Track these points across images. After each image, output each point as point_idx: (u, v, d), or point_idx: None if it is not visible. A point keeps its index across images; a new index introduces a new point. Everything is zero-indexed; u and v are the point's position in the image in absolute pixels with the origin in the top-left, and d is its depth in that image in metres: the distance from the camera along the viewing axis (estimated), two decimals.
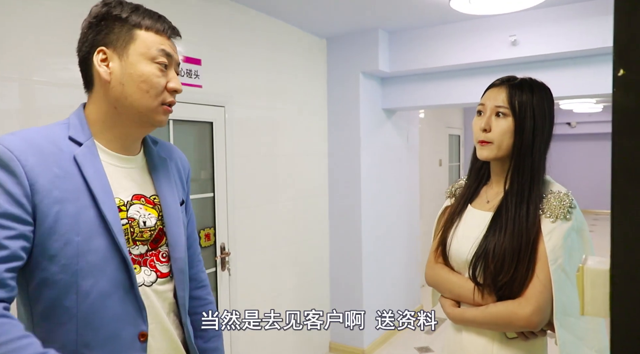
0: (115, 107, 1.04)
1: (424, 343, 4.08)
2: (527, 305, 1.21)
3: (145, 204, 1.10)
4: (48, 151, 0.96)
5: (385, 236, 4.13)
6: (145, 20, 1.04)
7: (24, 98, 1.84)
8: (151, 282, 1.08)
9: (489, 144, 1.32)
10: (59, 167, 0.96)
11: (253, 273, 3.06)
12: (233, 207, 2.86)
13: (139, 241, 1.07)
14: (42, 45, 1.89)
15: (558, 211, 1.23)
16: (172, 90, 1.07)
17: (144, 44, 1.02)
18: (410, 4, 2.99)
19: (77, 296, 0.95)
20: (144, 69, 1.02)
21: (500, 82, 1.36)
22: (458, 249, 1.38)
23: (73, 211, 0.95)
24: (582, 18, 2.92)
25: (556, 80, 3.18)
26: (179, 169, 1.25)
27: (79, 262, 0.95)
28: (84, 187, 0.97)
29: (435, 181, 6.07)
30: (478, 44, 3.29)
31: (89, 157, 1.00)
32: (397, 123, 4.31)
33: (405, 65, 3.64)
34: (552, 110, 1.33)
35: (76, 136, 1.01)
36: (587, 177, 10.71)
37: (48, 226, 0.93)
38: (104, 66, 1.02)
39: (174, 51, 1.08)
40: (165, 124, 1.11)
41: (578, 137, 11.20)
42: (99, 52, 1.02)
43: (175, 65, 1.09)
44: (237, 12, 2.92)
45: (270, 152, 3.23)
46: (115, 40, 1.02)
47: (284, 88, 3.35)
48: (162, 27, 1.06)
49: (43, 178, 0.93)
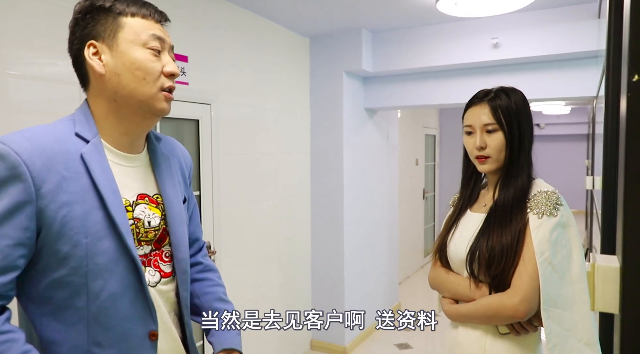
0: (115, 100, 1.01)
1: (403, 340, 4.14)
2: (515, 295, 1.27)
3: (149, 203, 1.09)
4: (54, 152, 0.93)
5: (366, 235, 4.17)
6: (130, 7, 1.01)
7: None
8: (155, 282, 1.08)
9: (488, 159, 1.40)
10: (65, 169, 0.93)
11: (237, 271, 3.04)
12: (218, 205, 2.84)
13: (144, 242, 1.06)
14: (17, 38, 1.84)
15: (544, 208, 1.30)
16: (169, 74, 1.03)
17: (132, 30, 1.00)
18: (396, 4, 3.03)
19: (88, 297, 0.95)
20: (136, 56, 0.99)
21: (478, 100, 1.43)
22: (455, 250, 1.45)
23: (81, 212, 0.93)
24: (563, 22, 3.01)
25: (535, 83, 3.29)
26: (182, 165, 1.23)
27: (88, 264, 0.94)
28: (91, 188, 0.96)
29: (412, 180, 6.16)
30: (461, 45, 3.36)
31: (96, 156, 0.98)
32: (378, 123, 4.35)
33: (388, 65, 3.68)
34: (527, 107, 1.42)
35: (83, 132, 0.99)
36: (555, 177, 10.99)
37: (56, 229, 0.91)
38: (96, 59, 0.99)
39: (165, 34, 1.05)
40: (168, 112, 1.07)
41: (547, 139, 11.53)
42: (89, 46, 0.99)
43: (169, 48, 1.06)
44: (224, 9, 2.89)
45: (254, 151, 3.22)
46: (103, 32, 0.99)
47: (268, 86, 3.34)
48: (148, 12, 1.03)
49: (49, 182, 0.91)
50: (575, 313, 1.25)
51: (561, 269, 1.26)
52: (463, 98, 3.63)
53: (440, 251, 1.51)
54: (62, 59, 1.98)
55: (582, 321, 1.25)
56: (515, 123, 1.36)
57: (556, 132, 11.25)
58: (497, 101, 1.38)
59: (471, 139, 1.42)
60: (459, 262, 1.43)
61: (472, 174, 1.53)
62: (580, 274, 1.27)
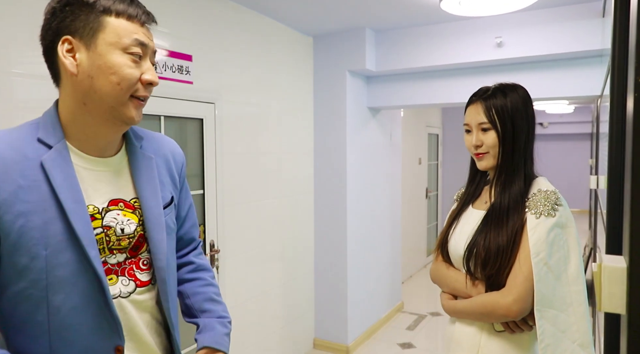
0: (85, 103, 0.94)
1: (406, 339, 4.14)
2: (508, 295, 1.28)
3: (124, 209, 1.02)
4: (11, 160, 0.88)
5: (368, 234, 4.17)
6: (116, 4, 0.93)
7: (2, 91, 1.80)
8: (128, 292, 1.02)
9: (485, 155, 1.43)
10: (22, 178, 0.89)
11: (241, 269, 3.05)
12: (222, 204, 2.85)
13: (116, 250, 1.00)
14: (22, 37, 1.85)
15: (543, 207, 1.30)
16: (146, 82, 0.96)
17: (114, 32, 0.92)
18: (400, 3, 3.03)
19: (48, 311, 0.91)
20: (114, 60, 0.92)
21: (475, 98, 1.46)
22: (454, 246, 1.47)
23: (39, 223, 0.88)
24: (567, 21, 3.00)
25: (539, 82, 3.28)
26: (169, 164, 1.16)
27: (48, 277, 0.89)
28: (50, 197, 0.90)
29: (415, 179, 6.15)
30: (464, 44, 3.35)
31: (59, 162, 0.92)
32: (381, 122, 4.35)
33: (391, 64, 3.67)
34: (528, 106, 1.42)
35: (45, 137, 0.94)
36: (558, 176, 11.02)
37: (12, 241, 0.87)
38: (69, 58, 0.92)
39: (149, 39, 0.98)
40: (137, 122, 0.99)
41: (550, 138, 11.52)
42: (64, 42, 0.92)
43: (151, 54, 0.99)
44: (228, 8, 2.90)
45: (258, 150, 3.22)
46: (82, 29, 0.91)
47: (271, 85, 3.35)
48: (134, 13, 0.95)
49: (4, 191, 0.86)
50: (570, 315, 1.25)
51: (557, 270, 1.26)
52: (466, 97, 3.58)
53: (442, 245, 1.52)
54: None
55: (577, 322, 1.25)
56: (509, 122, 1.38)
57: (559, 131, 11.23)
58: (492, 100, 1.40)
59: (469, 137, 1.46)
60: (457, 258, 1.45)
61: (477, 170, 1.54)
62: (577, 275, 1.27)
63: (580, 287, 1.26)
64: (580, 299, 1.26)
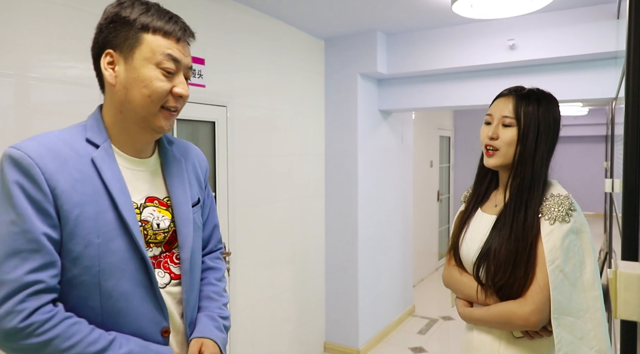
0: (121, 111, 1.04)
1: (418, 343, 4.12)
2: (526, 305, 1.26)
3: (158, 206, 1.11)
4: (66, 156, 0.97)
5: (380, 237, 4.16)
6: (155, 21, 1.01)
7: (20, 94, 1.83)
8: (164, 284, 1.09)
9: (496, 152, 1.38)
10: (78, 171, 0.97)
11: (252, 272, 3.06)
12: (234, 206, 2.86)
13: (153, 243, 1.08)
14: (39, 42, 1.88)
15: (557, 213, 1.27)
16: (177, 95, 1.04)
17: (149, 48, 1.00)
18: (411, 6, 3.02)
19: (101, 297, 0.98)
20: (146, 74, 1.00)
21: (508, 92, 1.41)
22: (466, 251, 1.44)
23: (92, 213, 0.96)
24: (581, 23, 2.97)
25: (552, 84, 3.24)
26: (196, 168, 1.25)
27: (100, 264, 0.97)
28: (102, 190, 0.99)
29: (426, 182, 6.12)
30: (476, 47, 3.33)
31: (106, 160, 1.01)
32: (393, 124, 4.34)
33: (402, 67, 3.66)
34: (557, 120, 1.37)
35: (93, 138, 1.03)
36: (572, 179, 10.90)
37: (69, 229, 0.94)
38: (109, 69, 1.02)
39: (183, 55, 1.05)
40: (167, 130, 1.08)
41: (564, 140, 11.38)
42: (106, 54, 1.02)
43: (185, 69, 1.07)
44: (240, 12, 2.91)
45: (269, 152, 3.23)
46: (122, 43, 1.01)
47: (282, 88, 3.36)
48: (171, 30, 1.02)
49: (63, 183, 0.94)
50: (587, 321, 1.23)
51: (573, 277, 1.24)
52: (478, 100, 3.61)
53: (454, 249, 1.50)
54: (82, 61, 2.01)
55: (594, 329, 1.23)
56: (535, 125, 1.33)
57: (574, 133, 11.11)
58: (525, 99, 1.35)
59: (486, 129, 1.41)
60: (469, 264, 1.43)
61: (487, 172, 1.51)
62: (593, 281, 1.25)
63: (596, 293, 1.24)
64: (597, 305, 1.24)
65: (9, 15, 1.79)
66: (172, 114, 1.06)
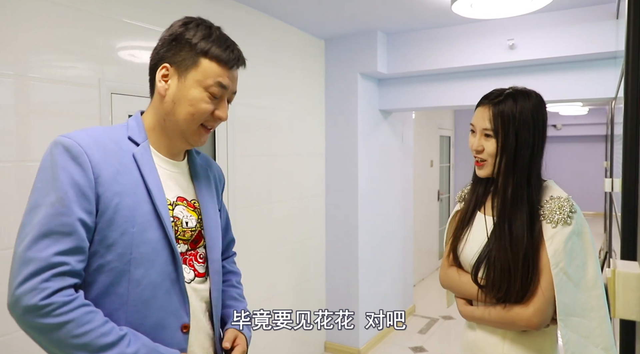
0: (164, 120, 1.12)
1: (418, 343, 4.12)
2: (528, 307, 1.27)
3: (187, 206, 1.17)
4: (110, 149, 1.04)
5: (380, 236, 4.16)
6: (214, 49, 1.09)
7: (19, 94, 1.83)
8: (190, 280, 1.15)
9: (484, 163, 1.40)
10: (119, 164, 1.04)
11: (252, 272, 3.06)
12: (234, 206, 2.86)
13: (181, 240, 1.14)
14: (39, 41, 1.88)
15: (558, 216, 1.28)
16: (217, 117, 1.13)
17: (202, 72, 1.08)
18: (411, 6, 3.02)
19: (129, 284, 1.02)
20: (194, 94, 1.08)
21: (486, 100, 1.40)
22: (467, 253, 1.45)
23: (130, 203, 1.02)
24: (580, 23, 2.98)
25: (552, 84, 3.25)
26: (216, 180, 1.34)
27: (132, 252, 1.01)
28: (140, 183, 1.05)
29: (426, 181, 6.12)
30: (476, 47, 3.33)
31: (145, 156, 1.09)
32: (393, 124, 4.34)
33: (403, 66, 3.67)
34: (538, 116, 1.35)
35: (134, 136, 1.10)
36: (572, 179, 10.90)
37: (108, 216, 0.99)
38: (163, 81, 1.10)
39: (231, 83, 1.14)
40: (200, 145, 1.17)
41: (563, 139, 11.39)
42: (162, 68, 1.10)
43: (230, 93, 1.15)
44: (240, 11, 2.92)
45: (269, 152, 3.23)
46: (180, 62, 1.09)
47: (283, 88, 3.36)
48: (226, 59, 1.11)
49: (106, 172, 1.00)
50: (592, 320, 1.24)
51: (576, 277, 1.25)
52: (478, 99, 3.59)
53: (453, 250, 1.50)
54: (82, 61, 2.02)
55: (599, 327, 1.25)
56: (513, 134, 1.32)
57: (573, 133, 11.10)
58: (501, 106, 1.34)
59: (473, 139, 1.43)
60: (468, 266, 1.43)
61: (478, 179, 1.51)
62: (595, 279, 1.26)
63: (599, 291, 1.25)
64: (600, 303, 1.25)
65: (9, 15, 1.79)
66: (208, 131, 1.15)
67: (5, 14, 1.78)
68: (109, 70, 2.14)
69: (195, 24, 1.13)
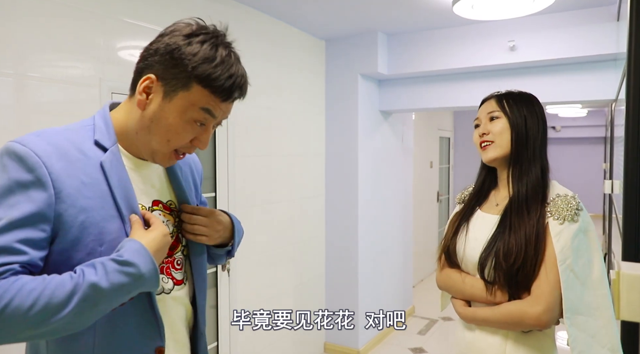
0: (137, 132, 0.99)
1: (417, 344, 4.12)
2: (537, 305, 1.25)
3: (162, 210, 1.07)
4: (74, 157, 0.91)
5: (380, 237, 4.16)
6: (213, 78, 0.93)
7: (19, 94, 1.83)
8: (170, 289, 1.06)
9: (491, 144, 1.41)
10: (85, 174, 0.91)
11: (252, 273, 3.06)
12: (234, 207, 2.86)
13: None
14: (39, 41, 1.88)
15: (566, 213, 1.28)
16: (194, 146, 1.01)
17: (192, 99, 0.94)
18: (412, 7, 3.02)
19: None
20: (176, 121, 0.95)
21: (488, 96, 1.49)
22: (470, 253, 1.42)
23: (98, 219, 0.91)
24: (581, 25, 2.98)
25: (552, 86, 3.25)
26: (192, 171, 1.22)
27: None
28: (109, 196, 0.93)
29: (426, 182, 6.13)
30: (477, 48, 3.33)
31: (115, 165, 0.96)
32: (393, 125, 4.34)
33: (403, 67, 3.67)
34: (541, 113, 1.43)
35: (102, 140, 0.97)
36: (570, 180, 10.87)
37: (73, 236, 0.88)
38: (144, 94, 0.96)
39: (224, 114, 1.01)
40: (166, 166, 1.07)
41: (563, 141, 11.40)
42: (146, 79, 0.95)
43: (216, 123, 1.02)
44: (240, 11, 2.92)
45: (269, 152, 3.23)
46: (169, 80, 0.94)
47: (283, 88, 3.36)
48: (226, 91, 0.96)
49: (69, 186, 0.88)
50: (598, 319, 1.24)
51: (583, 275, 1.25)
52: (478, 101, 3.55)
53: (448, 251, 1.48)
54: (83, 61, 2.01)
55: (605, 326, 1.24)
56: (520, 114, 1.39)
57: (572, 135, 11.12)
58: (505, 96, 1.43)
59: (477, 131, 1.47)
60: (472, 266, 1.41)
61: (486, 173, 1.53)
62: (601, 278, 1.26)
63: (604, 290, 1.25)
64: (606, 303, 1.25)
65: (9, 14, 1.78)
66: (180, 157, 1.03)
67: (6, 13, 1.77)
68: (110, 69, 2.13)
69: (201, 40, 0.96)
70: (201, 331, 1.14)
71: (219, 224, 1.14)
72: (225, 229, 1.18)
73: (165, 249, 0.98)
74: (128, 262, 0.87)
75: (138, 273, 0.88)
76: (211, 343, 2.77)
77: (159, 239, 0.96)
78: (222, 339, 2.82)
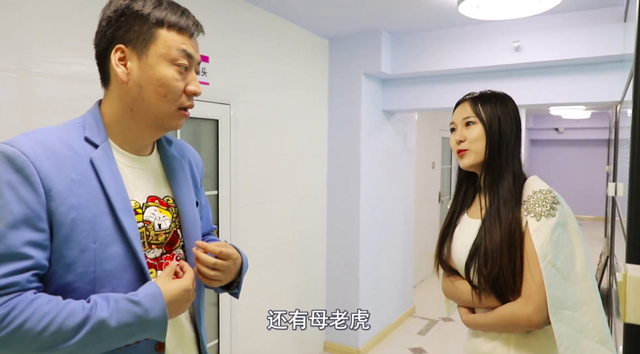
0: (132, 109, 0.99)
1: (417, 344, 4.11)
2: (526, 306, 1.26)
3: (159, 206, 1.06)
4: (63, 155, 0.91)
5: (381, 237, 4.15)
6: (169, 16, 0.96)
7: (22, 90, 1.82)
8: None
9: (466, 152, 1.42)
10: (75, 172, 0.91)
11: (253, 272, 3.05)
12: (236, 205, 2.85)
13: (154, 245, 1.04)
14: (42, 37, 1.87)
15: (541, 209, 1.28)
16: (190, 93, 1.01)
17: (164, 44, 0.96)
18: (417, 6, 3.01)
19: None
20: (163, 72, 0.96)
21: (462, 99, 1.48)
22: (459, 258, 1.44)
23: (90, 216, 0.91)
24: (587, 26, 2.96)
25: (557, 87, 3.24)
26: (192, 167, 1.21)
27: (95, 270, 0.91)
28: (100, 192, 0.93)
29: (428, 183, 6.12)
30: (481, 48, 3.32)
31: (105, 160, 0.96)
32: (396, 125, 4.33)
33: (407, 67, 3.66)
34: (516, 113, 1.43)
35: (92, 137, 0.97)
36: (572, 182, 10.89)
37: (64, 234, 0.88)
38: (121, 66, 0.96)
39: (195, 51, 1.02)
40: (180, 128, 1.06)
41: (565, 143, 11.38)
42: (117, 50, 0.96)
43: (196, 64, 1.03)
44: (244, 10, 2.91)
45: (272, 151, 3.23)
46: (135, 39, 0.95)
47: (286, 87, 3.35)
48: (185, 25, 0.98)
49: (59, 183, 0.88)
50: (584, 312, 1.24)
51: (565, 270, 1.24)
52: None
53: (439, 258, 1.51)
54: (87, 58, 2.01)
55: (592, 319, 1.24)
56: (496, 118, 1.38)
57: (575, 136, 11.10)
58: (479, 99, 1.43)
59: (453, 136, 1.46)
60: (462, 271, 1.43)
61: (464, 175, 1.54)
62: (585, 271, 1.26)
63: (589, 283, 1.25)
64: (592, 295, 1.24)
65: (12, 10, 1.78)
66: (187, 113, 1.03)
67: (9, 9, 1.77)
68: None
69: None
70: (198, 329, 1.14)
71: (235, 267, 1.13)
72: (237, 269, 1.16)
73: (183, 304, 0.99)
74: (139, 303, 0.89)
75: (145, 316, 0.90)
76: (212, 341, 2.77)
77: (179, 292, 0.97)
78: (222, 337, 2.82)
